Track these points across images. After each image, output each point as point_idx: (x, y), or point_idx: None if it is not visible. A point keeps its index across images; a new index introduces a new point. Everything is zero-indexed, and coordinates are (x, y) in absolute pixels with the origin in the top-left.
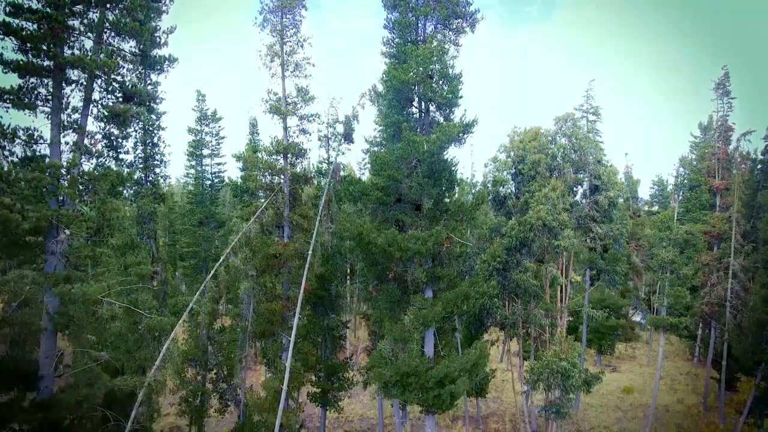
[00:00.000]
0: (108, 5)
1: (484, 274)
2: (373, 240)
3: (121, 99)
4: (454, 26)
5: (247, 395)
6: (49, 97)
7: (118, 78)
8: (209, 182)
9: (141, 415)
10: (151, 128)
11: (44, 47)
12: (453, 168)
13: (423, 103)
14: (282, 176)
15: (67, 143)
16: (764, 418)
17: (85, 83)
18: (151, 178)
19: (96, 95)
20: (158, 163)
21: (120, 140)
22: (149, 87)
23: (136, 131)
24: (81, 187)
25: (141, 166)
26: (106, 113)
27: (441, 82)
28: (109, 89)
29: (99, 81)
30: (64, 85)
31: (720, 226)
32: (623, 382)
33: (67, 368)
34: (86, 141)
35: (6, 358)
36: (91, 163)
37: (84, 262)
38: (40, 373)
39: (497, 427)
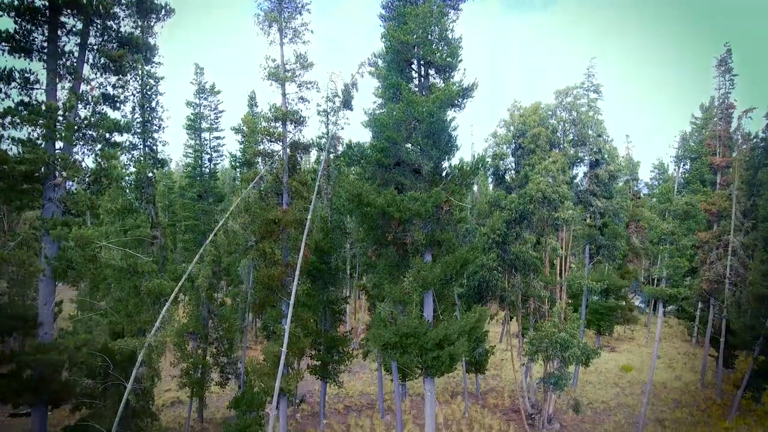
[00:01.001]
0: None
1: (484, 247)
2: (372, 201)
3: (117, 47)
4: None
5: (248, 363)
6: (45, 42)
7: (114, 25)
8: (208, 156)
9: (141, 375)
10: (149, 92)
11: None
12: (453, 132)
13: (422, 68)
14: (281, 143)
15: (63, 88)
16: (761, 391)
17: (81, 27)
18: (149, 143)
19: (92, 39)
20: (156, 128)
21: (117, 90)
22: (147, 38)
23: (134, 95)
24: (78, 133)
25: (139, 130)
26: (102, 61)
27: (440, 44)
28: (105, 37)
29: (94, 27)
30: (60, 33)
31: (720, 204)
32: (621, 361)
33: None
34: (83, 86)
35: (5, 304)
36: (88, 110)
37: (82, 210)
38: (39, 320)
39: (496, 402)
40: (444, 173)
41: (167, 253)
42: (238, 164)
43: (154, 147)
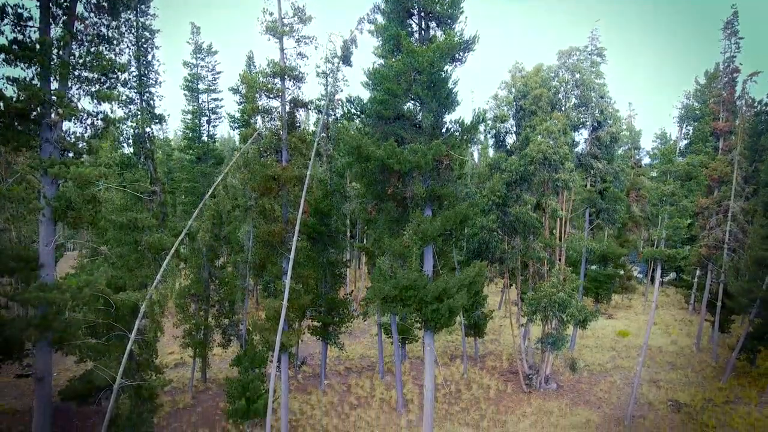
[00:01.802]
0: None
1: (484, 209)
2: (371, 154)
3: None
4: None
5: (249, 320)
6: None
7: None
8: (206, 118)
9: (144, 327)
10: (144, 45)
11: None
12: (453, 87)
13: (423, 20)
14: (279, 99)
15: (57, 26)
16: (756, 353)
17: None
18: (146, 97)
19: None
20: (153, 82)
21: (112, 32)
22: None
23: (129, 47)
24: (73, 73)
25: (135, 83)
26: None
27: None
28: None
29: None
30: None
31: (722, 169)
32: (618, 327)
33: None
34: (77, 24)
35: (7, 246)
36: (83, 50)
37: (80, 152)
38: (40, 261)
39: (494, 365)
40: (444, 129)
41: (167, 210)
42: (236, 125)
43: (151, 101)
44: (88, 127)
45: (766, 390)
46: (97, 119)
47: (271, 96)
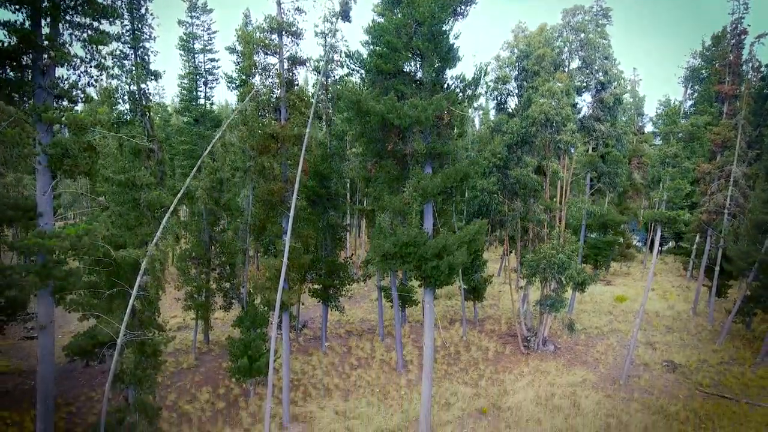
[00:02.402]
0: None
1: (485, 171)
2: (371, 108)
3: None
4: None
5: (249, 277)
6: None
7: None
8: (203, 80)
9: (145, 283)
10: None
11: None
12: (454, 41)
13: None
14: (277, 56)
15: None
16: (752, 317)
17: None
18: (140, 52)
19: None
20: (147, 36)
21: None
22: None
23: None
24: (64, 17)
25: (129, 37)
26: None
27: None
28: None
29: None
30: None
31: (725, 134)
32: (616, 293)
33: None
34: None
35: (3, 194)
36: None
37: (73, 99)
38: (38, 210)
39: (493, 328)
40: (445, 84)
41: (165, 169)
42: (234, 85)
43: (146, 57)
44: (81, 75)
45: (760, 352)
46: (90, 66)
47: (269, 52)
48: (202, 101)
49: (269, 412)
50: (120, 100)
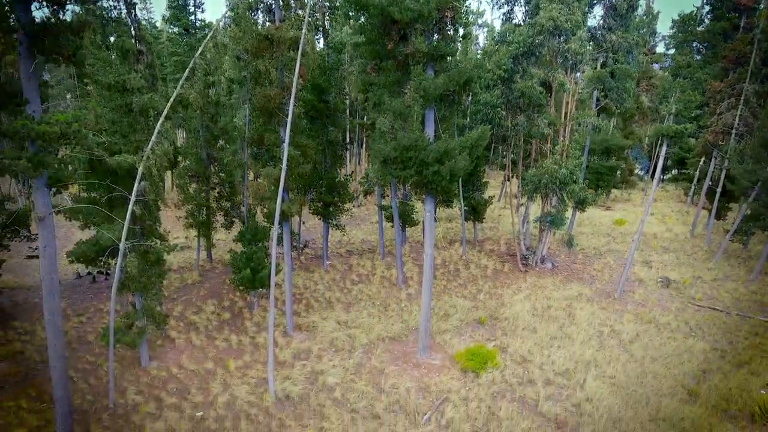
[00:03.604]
0: None
1: (488, 84)
2: (370, 0)
3: None
4: None
5: (249, 189)
6: None
7: None
8: None
9: (144, 189)
10: None
11: None
12: None
13: None
14: None
15: None
16: (750, 236)
17: None
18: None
19: None
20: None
21: None
22: None
23: None
24: None
25: None
26: None
27: None
28: None
29: None
30: None
31: (740, 48)
32: (616, 217)
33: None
34: None
35: None
36: None
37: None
38: (24, 95)
39: (492, 248)
40: None
41: (156, 73)
42: None
43: (138, 23)
44: None
45: (754, 269)
46: None
47: None
48: (191, 8)
49: (273, 320)
50: None
